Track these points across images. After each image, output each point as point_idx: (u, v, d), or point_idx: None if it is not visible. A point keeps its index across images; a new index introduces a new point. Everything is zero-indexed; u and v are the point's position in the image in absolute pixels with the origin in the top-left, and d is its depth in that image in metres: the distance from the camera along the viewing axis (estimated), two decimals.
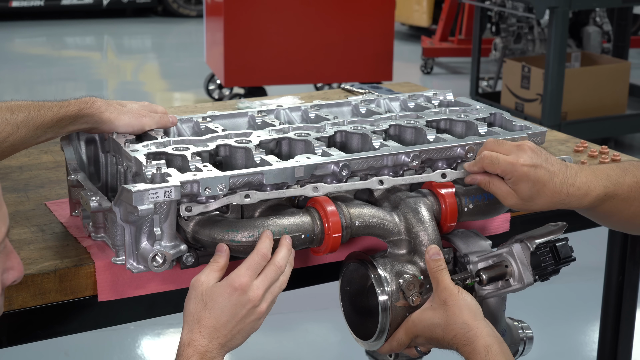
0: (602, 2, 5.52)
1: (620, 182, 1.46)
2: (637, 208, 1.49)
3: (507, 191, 1.43)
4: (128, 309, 1.47)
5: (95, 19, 10.63)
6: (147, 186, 1.28)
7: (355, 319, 1.52)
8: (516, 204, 1.43)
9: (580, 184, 1.43)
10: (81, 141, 1.60)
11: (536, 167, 1.40)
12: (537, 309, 3.60)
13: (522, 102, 5.59)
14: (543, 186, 1.41)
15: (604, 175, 1.46)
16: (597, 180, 1.44)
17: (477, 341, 1.34)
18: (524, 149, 1.42)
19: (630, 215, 1.50)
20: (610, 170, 1.48)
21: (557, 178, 1.41)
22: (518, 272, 1.45)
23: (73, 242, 1.48)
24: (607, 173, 1.47)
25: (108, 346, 3.35)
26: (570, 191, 1.42)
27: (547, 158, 1.42)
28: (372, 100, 1.80)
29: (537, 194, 1.41)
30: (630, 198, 1.47)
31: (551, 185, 1.41)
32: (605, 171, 1.47)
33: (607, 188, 1.45)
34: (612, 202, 1.46)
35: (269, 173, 1.37)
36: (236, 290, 1.31)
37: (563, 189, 1.42)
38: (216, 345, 1.30)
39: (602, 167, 1.49)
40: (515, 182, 1.41)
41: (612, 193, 1.45)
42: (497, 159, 1.42)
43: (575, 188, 1.42)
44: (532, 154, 1.41)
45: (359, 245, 1.56)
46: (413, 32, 9.84)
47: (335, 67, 6.24)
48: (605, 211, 1.48)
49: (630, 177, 1.47)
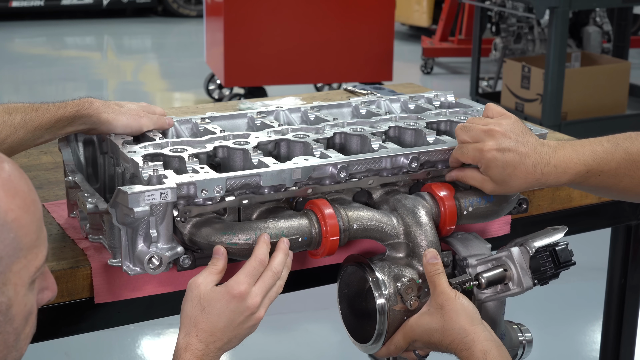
0: (602, 2, 5.52)
1: (608, 158, 1.42)
2: (628, 183, 1.44)
3: (482, 178, 1.43)
4: (125, 311, 1.46)
5: (95, 19, 10.63)
6: (142, 188, 1.27)
7: (353, 321, 1.51)
8: (494, 189, 1.43)
9: (557, 162, 1.40)
10: (79, 142, 1.59)
11: (504, 151, 1.39)
12: (537, 309, 3.60)
13: (522, 102, 5.59)
14: (514, 169, 1.39)
15: (588, 151, 1.42)
16: (577, 157, 1.41)
17: (475, 346, 1.33)
18: (491, 134, 1.40)
19: (621, 189, 1.46)
20: (598, 144, 1.43)
21: (529, 159, 1.39)
22: (517, 276, 1.44)
23: (70, 243, 1.48)
24: (592, 148, 1.43)
25: (108, 346, 3.35)
26: (546, 170, 1.40)
27: (518, 139, 1.40)
28: (372, 101, 1.79)
29: (509, 177, 1.40)
30: (619, 174, 1.43)
31: (523, 167, 1.39)
32: (590, 146, 1.43)
33: (589, 165, 1.41)
34: (597, 178, 1.43)
35: (266, 175, 1.36)
36: (235, 298, 1.31)
37: (537, 169, 1.40)
38: (212, 349, 1.31)
39: (589, 141, 1.45)
40: (485, 168, 1.41)
41: (596, 170, 1.42)
42: (466, 149, 1.42)
43: (552, 166, 1.40)
44: (500, 137, 1.40)
45: (357, 248, 1.55)
46: (413, 32, 9.83)
47: (335, 67, 6.23)
48: (592, 186, 1.45)
49: (622, 151, 1.43)
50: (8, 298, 1.01)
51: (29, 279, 1.04)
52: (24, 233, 1.01)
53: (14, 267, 1.01)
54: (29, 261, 1.03)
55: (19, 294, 1.02)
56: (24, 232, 1.01)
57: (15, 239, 1.00)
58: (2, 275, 1.00)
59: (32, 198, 1.04)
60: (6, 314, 1.01)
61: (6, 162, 1.03)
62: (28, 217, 1.02)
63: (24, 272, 1.02)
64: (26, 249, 1.02)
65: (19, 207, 1.01)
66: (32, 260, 1.03)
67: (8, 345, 1.03)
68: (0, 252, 0.99)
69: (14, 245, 1.00)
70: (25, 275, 1.03)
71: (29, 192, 1.04)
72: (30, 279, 1.04)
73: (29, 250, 1.02)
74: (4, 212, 0.99)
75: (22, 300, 1.03)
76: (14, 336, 1.04)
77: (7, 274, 1.00)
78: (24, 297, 1.04)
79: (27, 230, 1.02)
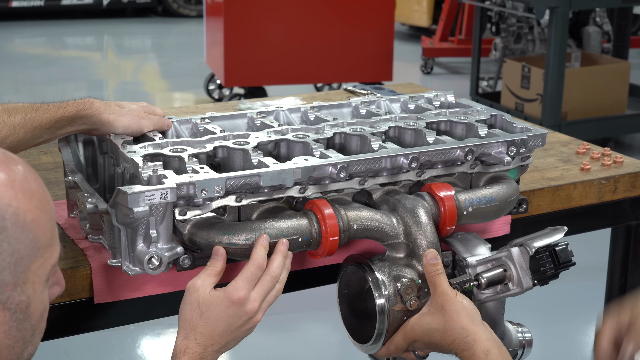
0: (602, 2, 5.51)
1: None
2: None
3: None
4: (125, 311, 1.47)
5: (95, 19, 10.62)
6: (142, 188, 1.27)
7: (353, 322, 1.51)
8: None
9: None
10: (79, 142, 1.59)
11: None
12: (537, 309, 3.59)
13: (522, 102, 5.58)
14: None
15: None
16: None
17: (476, 346, 1.33)
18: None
19: None
20: None
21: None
22: (517, 276, 1.44)
23: (70, 243, 1.48)
24: None
25: (108, 346, 3.35)
26: None
27: None
28: (372, 101, 1.79)
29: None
30: None
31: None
32: None
33: None
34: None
35: (266, 175, 1.36)
36: (234, 304, 1.31)
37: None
38: (210, 352, 1.32)
39: None
40: None
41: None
42: None
43: None
44: None
45: (357, 248, 1.55)
46: (413, 32, 9.83)
47: (335, 67, 6.23)
48: None
49: None
50: (27, 296, 1.03)
51: (45, 277, 1.06)
52: (42, 233, 1.04)
53: (33, 266, 1.03)
54: (46, 259, 1.05)
55: (37, 292, 1.05)
56: (42, 232, 1.04)
57: (34, 239, 1.02)
58: (22, 274, 1.02)
59: (46, 198, 1.06)
60: (25, 311, 1.04)
61: (20, 164, 1.04)
62: (44, 217, 1.04)
63: (41, 271, 1.05)
64: (43, 248, 1.04)
65: (36, 208, 1.03)
66: (48, 259, 1.06)
67: (25, 341, 1.06)
68: (21, 252, 1.01)
69: (33, 245, 1.02)
70: (43, 274, 1.05)
71: (44, 192, 1.06)
72: (46, 277, 1.06)
73: (45, 249, 1.04)
74: (23, 213, 1.01)
75: (39, 297, 1.06)
76: (31, 332, 1.06)
77: (27, 273, 1.02)
78: (41, 294, 1.06)
79: (44, 230, 1.04)
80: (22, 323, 1.04)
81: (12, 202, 1.00)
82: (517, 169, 1.62)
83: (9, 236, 1.00)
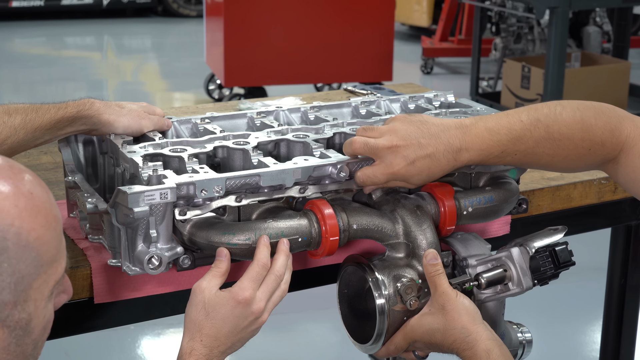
0: (602, 2, 5.52)
1: (526, 136, 1.35)
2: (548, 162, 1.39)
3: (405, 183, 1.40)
4: (125, 311, 1.46)
5: (95, 19, 10.63)
6: (142, 188, 1.27)
7: (353, 322, 1.51)
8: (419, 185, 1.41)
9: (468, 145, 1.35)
10: (79, 142, 1.59)
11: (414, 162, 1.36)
12: (537, 309, 3.60)
13: (522, 102, 5.58)
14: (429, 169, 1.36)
15: (504, 130, 1.35)
16: (491, 137, 1.35)
17: (478, 345, 1.33)
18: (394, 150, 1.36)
19: (541, 166, 1.42)
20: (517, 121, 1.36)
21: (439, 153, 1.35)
22: (517, 276, 1.44)
23: (70, 243, 1.48)
24: (509, 126, 1.36)
25: (108, 346, 3.35)
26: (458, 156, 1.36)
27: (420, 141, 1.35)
28: (372, 101, 1.79)
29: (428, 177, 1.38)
30: (537, 153, 1.37)
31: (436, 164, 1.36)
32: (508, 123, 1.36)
33: (504, 145, 1.35)
34: (513, 157, 1.37)
35: (266, 175, 1.36)
36: (240, 304, 1.31)
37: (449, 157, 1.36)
38: (216, 354, 1.31)
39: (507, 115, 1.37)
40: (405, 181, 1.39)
41: (512, 149, 1.36)
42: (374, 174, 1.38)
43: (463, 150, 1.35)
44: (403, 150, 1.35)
45: (357, 248, 1.55)
46: (413, 32, 9.83)
47: (335, 67, 6.23)
48: (507, 163, 1.41)
49: (542, 129, 1.35)
50: (28, 314, 1.01)
51: (48, 293, 1.03)
52: (45, 250, 1.01)
53: (35, 283, 1.01)
54: (49, 276, 1.02)
55: (39, 308, 1.03)
56: (46, 249, 1.01)
57: (37, 258, 1.00)
58: (24, 293, 0.99)
59: (53, 213, 1.03)
60: (26, 328, 1.01)
61: (26, 177, 1.01)
62: (49, 234, 1.01)
63: (44, 287, 1.02)
64: (47, 265, 1.01)
65: (41, 226, 1.00)
66: (52, 275, 1.03)
67: (26, 355, 1.04)
68: (22, 271, 0.98)
69: (36, 264, 1.00)
70: (45, 290, 1.03)
71: (50, 207, 1.02)
72: (50, 292, 1.04)
73: (49, 265, 1.02)
74: (26, 232, 0.98)
75: (42, 312, 1.03)
76: (32, 346, 1.04)
77: (29, 291, 1.00)
78: (44, 309, 1.04)
79: (49, 247, 1.01)
80: (22, 339, 1.02)
81: (15, 221, 0.97)
82: (517, 169, 1.62)
83: (10, 257, 0.97)
